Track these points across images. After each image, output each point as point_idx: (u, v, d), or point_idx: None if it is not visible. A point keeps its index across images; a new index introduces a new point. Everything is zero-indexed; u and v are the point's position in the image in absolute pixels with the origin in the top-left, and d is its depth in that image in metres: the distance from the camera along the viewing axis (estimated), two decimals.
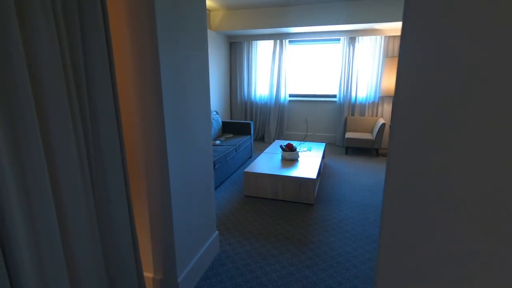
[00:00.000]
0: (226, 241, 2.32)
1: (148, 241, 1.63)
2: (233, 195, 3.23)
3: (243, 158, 4.25)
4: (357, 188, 3.41)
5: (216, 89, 5.36)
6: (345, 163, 4.42)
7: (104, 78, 1.16)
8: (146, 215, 1.59)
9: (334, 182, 3.60)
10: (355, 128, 5.20)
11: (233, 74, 5.89)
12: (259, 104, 5.84)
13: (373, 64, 5.04)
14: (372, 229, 2.50)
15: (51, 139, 0.97)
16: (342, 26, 4.67)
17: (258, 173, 3.09)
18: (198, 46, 1.69)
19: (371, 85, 5.12)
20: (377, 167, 4.22)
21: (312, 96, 5.69)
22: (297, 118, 5.81)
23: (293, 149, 3.54)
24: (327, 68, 5.51)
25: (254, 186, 3.14)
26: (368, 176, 3.84)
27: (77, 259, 1.10)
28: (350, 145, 4.77)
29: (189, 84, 1.64)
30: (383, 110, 5.15)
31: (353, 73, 5.18)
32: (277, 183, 3.05)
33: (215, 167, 3.25)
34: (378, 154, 4.78)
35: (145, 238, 1.63)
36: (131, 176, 1.55)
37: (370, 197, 3.15)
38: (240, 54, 5.74)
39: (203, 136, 1.85)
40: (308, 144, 4.32)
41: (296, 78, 5.72)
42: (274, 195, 3.09)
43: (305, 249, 2.22)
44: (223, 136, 4.40)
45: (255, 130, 5.97)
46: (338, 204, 3.00)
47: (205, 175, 1.91)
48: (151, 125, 1.45)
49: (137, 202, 1.59)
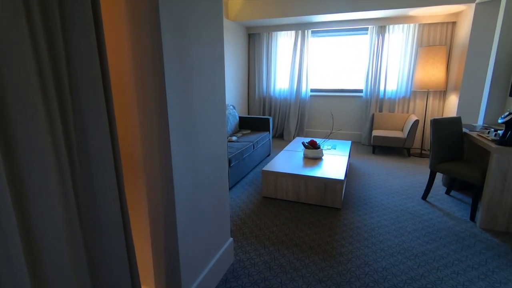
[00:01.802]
0: (241, 249, 2.03)
1: (149, 250, 1.37)
2: (250, 196, 2.94)
3: (261, 156, 3.96)
4: (388, 192, 3.03)
5: (233, 82, 5.09)
6: (373, 163, 4.02)
7: (92, 75, 0.94)
8: (147, 221, 1.33)
9: (362, 184, 3.24)
10: (384, 125, 4.78)
11: (251, 67, 5.60)
12: (278, 99, 5.52)
13: (404, 56, 4.59)
14: (411, 240, 2.14)
15: (15, 139, 0.74)
16: (370, 13, 4.27)
17: (278, 172, 2.78)
18: (211, 38, 1.41)
19: (402, 78, 4.67)
20: (410, 168, 3.80)
21: (335, 91, 5.30)
22: (319, 114, 5.44)
23: (316, 147, 3.20)
24: (352, 61, 5.11)
25: (273, 186, 2.84)
26: (400, 178, 3.44)
27: (52, 282, 0.84)
28: (377, 144, 4.36)
29: (199, 79, 1.36)
30: (415, 106, 4.69)
31: (382, 66, 4.75)
32: (299, 184, 2.73)
33: (231, 165, 2.98)
34: (410, 155, 4.34)
35: (145, 248, 1.37)
36: (129, 178, 1.29)
37: (404, 202, 2.77)
38: (259, 46, 5.43)
39: (217, 133, 1.57)
40: (331, 142, 3.97)
41: (318, 72, 5.35)
42: (296, 197, 2.78)
43: (333, 262, 1.89)
44: (240, 132, 4.13)
45: (274, 127, 5.66)
46: (369, 209, 2.64)
47: (219, 175, 1.63)
48: (153, 123, 1.18)
49: (136, 206, 1.33)
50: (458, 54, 4.08)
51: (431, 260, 1.92)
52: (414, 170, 3.72)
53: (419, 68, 4.15)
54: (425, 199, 2.83)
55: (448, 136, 2.65)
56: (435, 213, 2.57)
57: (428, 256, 1.95)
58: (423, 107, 4.64)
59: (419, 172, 3.66)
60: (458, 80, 4.02)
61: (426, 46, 4.08)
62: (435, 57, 4.00)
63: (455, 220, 2.44)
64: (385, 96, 4.82)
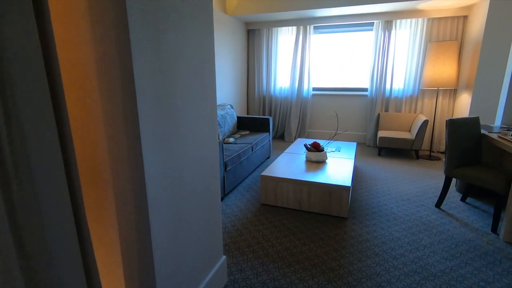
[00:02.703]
0: (236, 267, 1.80)
1: (121, 282, 1.13)
2: (247, 203, 2.71)
3: (261, 159, 3.72)
4: (398, 199, 2.79)
5: (231, 81, 4.85)
6: (380, 166, 3.78)
7: (33, 66, 0.69)
8: (117, 245, 1.09)
9: (369, 190, 2.99)
10: (390, 126, 4.53)
11: (250, 65, 5.36)
12: (279, 98, 5.28)
13: (412, 52, 4.35)
14: (429, 256, 1.89)
15: None
16: (376, 7, 4.02)
17: (278, 178, 2.54)
18: (196, 31, 1.17)
19: (410, 76, 4.42)
20: (419, 172, 3.56)
21: (339, 90, 5.05)
22: (322, 114, 5.20)
23: (320, 149, 2.96)
24: (356, 59, 4.86)
25: (273, 193, 2.60)
26: (409, 183, 3.19)
27: None
28: (384, 146, 4.12)
29: (183, 71, 1.12)
30: (423, 105, 4.44)
31: (388, 63, 4.50)
32: (301, 190, 2.49)
33: (227, 169, 2.74)
34: (418, 157, 4.09)
35: (116, 279, 1.13)
36: (93, 193, 1.06)
37: (417, 211, 2.53)
38: (259, 43, 5.19)
39: (206, 136, 1.33)
40: (336, 144, 3.72)
41: (321, 70, 5.10)
42: (298, 205, 2.54)
43: (341, 283, 1.65)
44: (238, 133, 3.89)
45: (274, 127, 5.42)
46: (378, 219, 2.40)
47: (209, 185, 1.39)
48: (120, 126, 0.94)
49: (103, 227, 1.09)
50: (470, 50, 3.83)
51: (453, 281, 1.67)
52: (424, 174, 3.47)
53: (428, 65, 3.90)
54: (439, 207, 2.59)
55: (465, 138, 2.41)
56: (452, 223, 2.32)
57: (449, 276, 1.71)
58: (432, 106, 4.39)
59: (430, 176, 3.41)
60: (470, 77, 3.77)
61: (436, 42, 3.83)
62: (446, 53, 3.75)
63: (475, 232, 2.20)
64: (391, 95, 4.58)
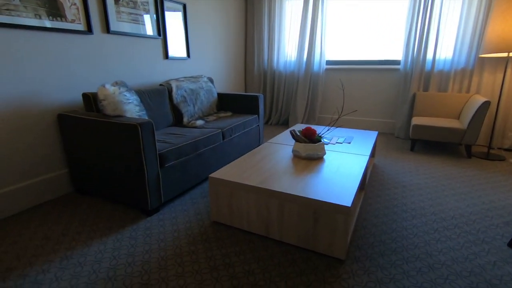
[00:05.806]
0: None
1: None
2: (192, 218, 1.74)
3: (242, 151, 2.73)
4: (440, 226, 1.68)
5: (218, 49, 3.83)
6: (412, 167, 2.63)
7: None
8: None
9: (390, 207, 1.90)
10: (430, 110, 3.30)
11: (249, 36, 4.30)
12: (283, 73, 4.19)
13: (468, 7, 3.05)
14: None
15: None
16: None
17: (233, 182, 1.55)
18: None
19: (463, 41, 3.14)
20: (473, 178, 2.37)
21: (359, 63, 3.86)
22: (337, 94, 4.06)
23: (314, 139, 1.91)
24: (385, 21, 3.62)
25: (227, 206, 1.62)
26: (458, 197, 2.05)
27: None
28: (419, 138, 2.94)
29: None
30: (481, 82, 3.15)
31: (432, 24, 3.24)
32: (268, 206, 1.48)
33: (165, 166, 1.79)
34: (471, 155, 2.86)
35: None
36: None
37: (473, 254, 1.42)
38: (259, 7, 4.10)
39: None
40: (346, 133, 2.62)
41: (337, 39, 3.92)
42: (263, 229, 1.53)
43: None
44: (215, 114, 2.91)
45: (277, 110, 4.37)
46: (402, 267, 1.33)
47: None
48: None
49: None
50: None
51: None
52: (481, 182, 2.29)
53: (495, 21, 2.62)
54: None
55: None
56: None
57: None
58: (494, 82, 3.09)
59: (491, 185, 2.22)
60: None
61: None
62: None
63: None
64: (434, 67, 3.32)
